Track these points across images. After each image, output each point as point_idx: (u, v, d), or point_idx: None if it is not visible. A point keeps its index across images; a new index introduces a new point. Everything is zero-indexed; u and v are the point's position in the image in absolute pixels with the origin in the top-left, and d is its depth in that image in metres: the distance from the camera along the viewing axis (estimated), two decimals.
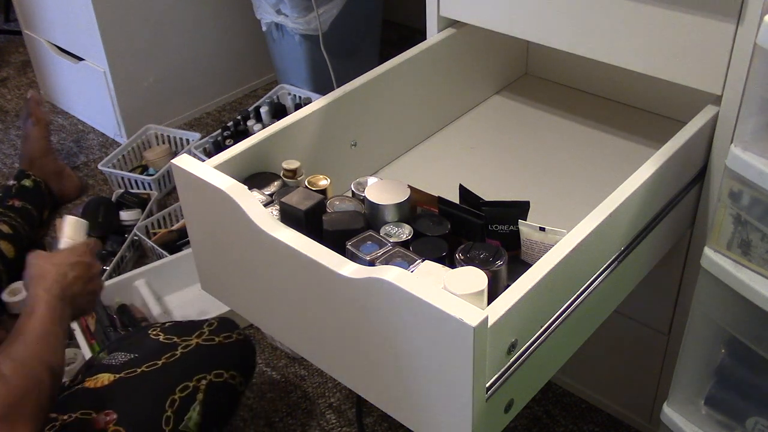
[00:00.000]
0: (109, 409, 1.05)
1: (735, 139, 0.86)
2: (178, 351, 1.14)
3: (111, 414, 1.05)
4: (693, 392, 1.01)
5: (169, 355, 1.13)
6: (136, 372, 1.10)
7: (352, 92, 1.10)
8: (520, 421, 1.39)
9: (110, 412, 1.05)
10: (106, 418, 1.04)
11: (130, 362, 1.12)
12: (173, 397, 1.08)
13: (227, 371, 1.15)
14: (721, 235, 0.89)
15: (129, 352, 1.15)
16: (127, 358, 1.14)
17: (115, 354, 1.16)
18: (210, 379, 1.12)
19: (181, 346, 1.15)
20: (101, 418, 1.04)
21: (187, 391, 1.10)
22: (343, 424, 1.41)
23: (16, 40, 2.80)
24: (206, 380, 1.12)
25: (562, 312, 0.83)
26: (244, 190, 0.87)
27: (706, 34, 0.94)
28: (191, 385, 1.10)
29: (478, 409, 0.73)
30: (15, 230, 1.73)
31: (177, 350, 1.14)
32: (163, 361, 1.12)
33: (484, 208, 0.93)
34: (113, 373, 1.11)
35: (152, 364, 1.11)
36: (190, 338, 1.16)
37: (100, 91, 2.16)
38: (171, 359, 1.13)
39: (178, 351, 1.14)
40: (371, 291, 0.75)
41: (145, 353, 1.14)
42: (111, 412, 1.05)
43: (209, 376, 1.13)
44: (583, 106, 1.33)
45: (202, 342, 1.16)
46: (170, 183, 2.02)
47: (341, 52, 2.08)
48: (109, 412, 1.05)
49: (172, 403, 1.08)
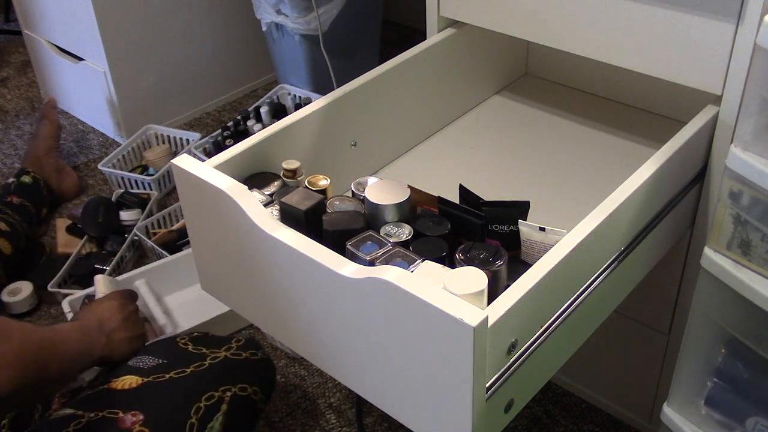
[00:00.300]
0: (135, 410, 1.07)
1: (735, 139, 0.86)
2: (207, 361, 1.17)
3: (138, 415, 1.07)
4: (693, 392, 1.01)
5: (198, 364, 1.16)
6: (165, 377, 1.13)
7: (352, 92, 1.10)
8: (520, 421, 1.39)
9: (137, 413, 1.07)
10: (133, 418, 1.06)
11: (159, 367, 1.15)
12: (199, 405, 1.10)
13: (251, 386, 1.17)
14: (721, 235, 0.89)
15: (157, 357, 1.17)
16: (155, 362, 1.16)
17: (142, 357, 1.18)
18: (234, 392, 1.14)
19: (209, 357, 1.18)
20: (128, 418, 1.06)
21: (213, 400, 1.12)
22: (343, 424, 1.41)
23: (16, 40, 2.80)
24: (231, 392, 1.14)
25: (562, 312, 0.83)
26: (244, 190, 0.87)
27: (706, 34, 0.94)
28: (217, 395, 1.13)
29: (478, 409, 0.73)
30: (12, 227, 1.73)
31: (206, 361, 1.17)
32: (191, 369, 1.15)
33: (484, 208, 0.93)
34: (141, 376, 1.13)
35: (181, 371, 1.14)
36: (218, 351, 1.19)
37: (100, 91, 2.16)
38: (200, 368, 1.15)
39: (206, 362, 1.17)
40: (371, 291, 0.75)
41: (174, 360, 1.17)
42: (138, 413, 1.07)
43: (234, 389, 1.15)
44: (583, 106, 1.33)
45: (230, 356, 1.19)
46: (170, 183, 2.02)
47: (341, 52, 2.08)
48: (135, 412, 1.07)
49: (197, 410, 1.10)
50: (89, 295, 1.56)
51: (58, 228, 1.88)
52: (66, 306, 1.55)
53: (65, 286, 1.69)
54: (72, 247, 1.80)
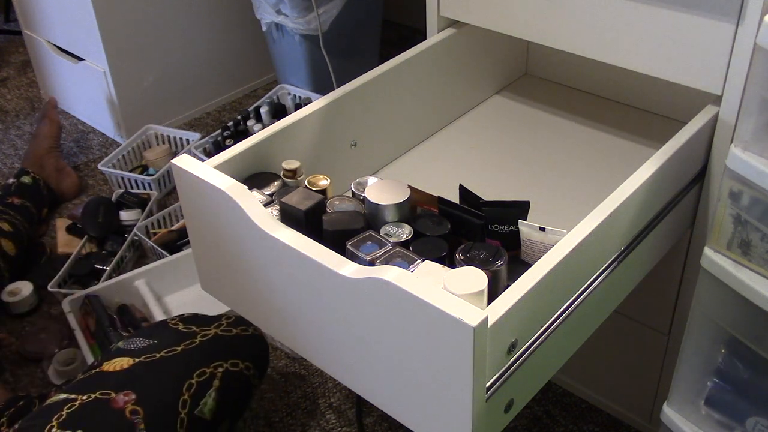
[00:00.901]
0: (128, 390, 1.08)
1: (735, 139, 0.86)
2: (197, 339, 1.18)
3: (130, 394, 1.08)
4: (693, 392, 1.01)
5: (188, 342, 1.17)
6: (155, 357, 1.14)
7: (352, 92, 1.10)
8: (520, 421, 1.39)
9: (129, 392, 1.08)
10: (125, 398, 1.08)
11: (150, 347, 1.16)
12: (190, 382, 1.12)
13: (242, 362, 1.19)
14: (721, 235, 0.89)
15: (148, 338, 1.18)
16: (146, 343, 1.17)
17: (133, 339, 1.19)
18: (226, 368, 1.16)
19: (200, 335, 1.19)
20: (120, 398, 1.07)
21: (204, 377, 1.13)
22: (343, 424, 1.41)
23: (16, 40, 2.80)
24: (222, 368, 1.16)
25: (562, 312, 0.83)
26: (244, 190, 0.87)
27: (706, 34, 0.94)
28: (208, 371, 1.14)
29: (478, 409, 0.73)
30: (15, 228, 1.74)
31: (196, 338, 1.18)
32: (182, 347, 1.16)
33: (484, 208, 0.93)
34: (132, 357, 1.14)
35: (171, 350, 1.15)
36: (208, 328, 1.21)
37: (100, 91, 2.16)
38: (190, 346, 1.16)
39: (197, 339, 1.18)
40: (371, 291, 0.75)
41: (165, 340, 1.18)
42: (130, 393, 1.08)
43: (225, 365, 1.16)
44: (583, 106, 1.33)
45: (221, 332, 1.21)
46: (170, 183, 2.02)
47: (341, 52, 2.08)
48: (127, 392, 1.08)
49: (189, 387, 1.11)
50: (91, 294, 1.57)
51: (58, 228, 1.88)
52: (66, 306, 1.55)
53: (65, 286, 1.69)
54: (72, 247, 1.80)
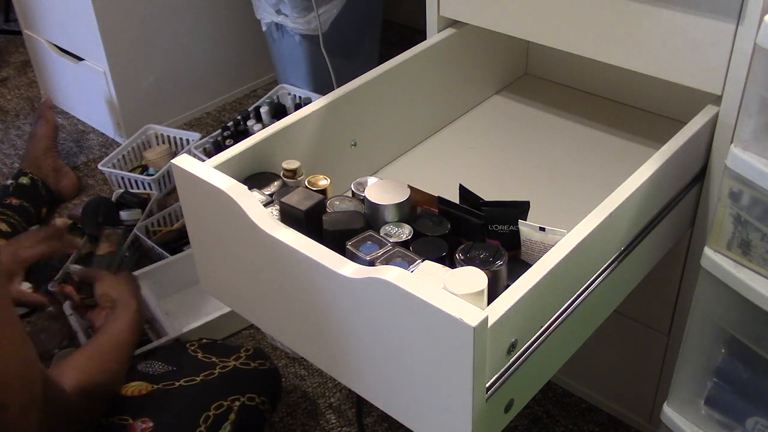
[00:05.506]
0: (145, 417, 1.08)
1: (735, 139, 0.86)
2: (216, 371, 1.17)
3: (147, 422, 1.07)
4: (693, 392, 1.01)
5: (208, 373, 1.16)
6: (174, 385, 1.13)
7: (352, 92, 1.10)
8: (520, 421, 1.39)
9: (146, 420, 1.07)
10: (143, 425, 1.07)
11: (169, 374, 1.16)
12: (208, 414, 1.11)
13: (259, 396, 1.18)
14: (721, 235, 0.89)
15: (167, 364, 1.18)
16: (165, 369, 1.17)
17: (152, 363, 1.19)
18: (243, 401, 1.15)
19: (219, 366, 1.18)
20: (137, 425, 1.07)
21: (222, 409, 1.12)
22: (343, 424, 1.41)
23: (16, 40, 2.80)
24: (239, 402, 1.15)
25: (562, 312, 0.83)
26: (244, 190, 0.87)
27: (706, 34, 0.94)
28: (225, 404, 1.13)
29: (478, 409, 0.73)
30: (14, 228, 1.73)
31: (215, 370, 1.17)
32: (201, 378, 1.15)
33: (484, 208, 0.93)
34: (151, 382, 1.14)
35: (190, 380, 1.15)
36: (228, 360, 1.20)
37: (100, 91, 2.16)
38: (209, 377, 1.16)
39: (216, 371, 1.17)
40: (371, 291, 0.75)
41: (184, 368, 1.17)
42: (147, 420, 1.07)
43: (242, 398, 1.15)
44: (583, 106, 1.33)
45: (239, 365, 1.20)
46: (170, 183, 2.02)
47: (341, 52, 2.08)
48: (145, 419, 1.07)
49: (206, 419, 1.10)
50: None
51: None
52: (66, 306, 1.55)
53: None
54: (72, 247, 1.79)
